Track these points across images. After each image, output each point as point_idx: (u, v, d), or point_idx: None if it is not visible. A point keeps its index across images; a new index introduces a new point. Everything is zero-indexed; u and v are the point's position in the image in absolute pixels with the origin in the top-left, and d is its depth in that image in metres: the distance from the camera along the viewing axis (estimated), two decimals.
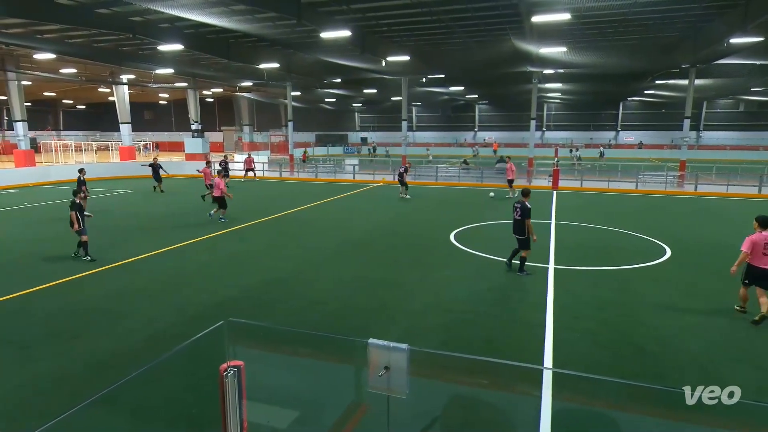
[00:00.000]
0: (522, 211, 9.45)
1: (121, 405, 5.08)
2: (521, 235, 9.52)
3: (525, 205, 9.51)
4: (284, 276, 9.59)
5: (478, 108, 63.37)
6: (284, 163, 34.00)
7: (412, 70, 28.45)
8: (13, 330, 7.06)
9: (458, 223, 14.64)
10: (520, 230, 9.54)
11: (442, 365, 3.59)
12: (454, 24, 20.31)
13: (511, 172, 20.61)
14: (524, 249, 9.60)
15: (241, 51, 24.75)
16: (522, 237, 9.52)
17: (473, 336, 6.88)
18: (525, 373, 2.93)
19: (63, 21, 18.09)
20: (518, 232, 9.58)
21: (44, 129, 59.17)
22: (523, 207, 9.48)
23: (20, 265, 10.36)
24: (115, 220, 15.40)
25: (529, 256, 9.73)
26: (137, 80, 36.64)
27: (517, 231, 9.61)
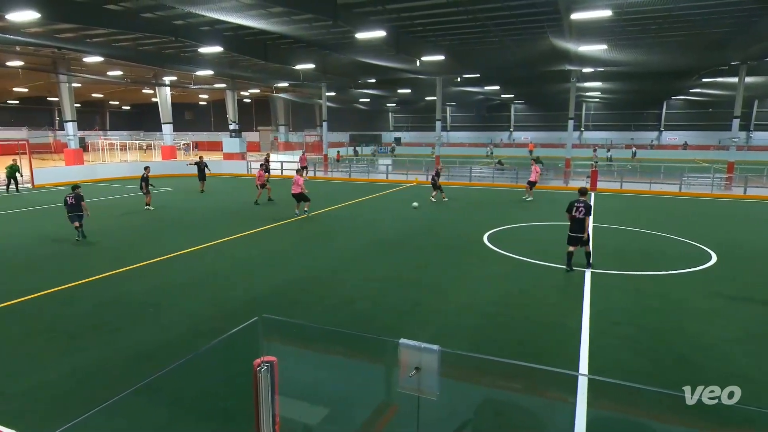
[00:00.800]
0: (586, 209, 9.53)
1: (160, 395, 5.27)
2: (582, 233, 9.57)
3: (588, 203, 9.65)
4: (317, 274, 9.71)
5: (514, 108, 62.36)
6: (318, 163, 34.39)
7: (446, 69, 28.25)
8: (62, 320, 7.42)
9: (492, 224, 14.45)
10: (581, 228, 9.58)
11: (474, 367, 3.55)
12: (490, 23, 20.05)
13: (534, 174, 20.15)
14: (586, 245, 9.73)
15: (278, 52, 25.19)
16: (581, 235, 9.58)
17: (506, 339, 6.78)
18: (559, 379, 2.87)
19: (111, 25, 18.90)
20: (579, 230, 9.61)
21: (92, 129, 61.88)
22: (587, 205, 9.62)
23: (69, 259, 10.88)
24: (157, 217, 15.94)
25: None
26: (179, 82, 37.85)
27: (578, 229, 9.62)
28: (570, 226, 9.69)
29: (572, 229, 9.66)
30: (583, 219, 9.49)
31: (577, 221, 9.56)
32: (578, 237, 9.61)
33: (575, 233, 9.63)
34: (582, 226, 9.52)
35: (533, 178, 20.11)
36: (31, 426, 4.56)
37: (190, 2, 15.27)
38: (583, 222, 9.49)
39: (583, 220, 9.49)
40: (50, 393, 5.37)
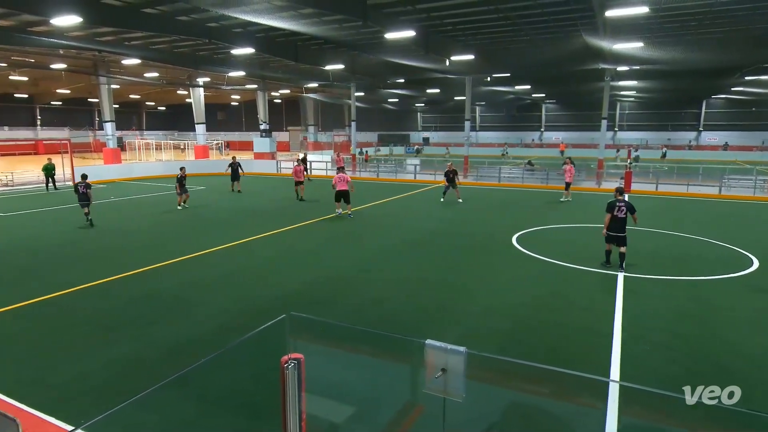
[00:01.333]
0: (628, 208, 9.61)
1: (190, 389, 5.39)
2: (622, 232, 9.62)
3: (629, 202, 9.75)
4: (344, 273, 9.76)
5: (545, 107, 61.27)
6: (346, 163, 34.58)
7: (476, 69, 27.99)
8: (99, 313, 7.70)
9: (521, 225, 14.23)
10: (622, 228, 9.61)
11: (501, 371, 3.50)
12: (521, 21, 19.76)
13: (569, 174, 19.63)
14: (625, 245, 9.69)
15: (308, 53, 25.46)
16: (623, 234, 9.61)
17: (535, 342, 6.66)
18: (590, 385, 2.80)
19: (148, 28, 19.50)
20: (620, 229, 9.62)
21: (129, 129, 63.97)
22: (628, 204, 9.67)
23: (105, 254, 11.27)
24: (190, 215, 16.34)
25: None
26: (212, 83, 38.72)
27: (619, 229, 9.63)
28: (610, 225, 9.67)
29: (612, 228, 9.67)
30: (624, 218, 9.58)
31: (618, 221, 9.57)
32: (618, 236, 9.62)
33: (616, 233, 9.63)
34: (623, 226, 9.60)
35: (568, 178, 19.64)
36: (71, 415, 4.73)
37: (224, 5, 15.60)
38: (625, 221, 9.59)
39: (625, 220, 9.58)
40: (88, 384, 5.57)
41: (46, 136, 52.48)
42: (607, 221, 9.67)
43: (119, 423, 4.22)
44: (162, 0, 16.67)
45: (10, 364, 5.97)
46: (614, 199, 9.77)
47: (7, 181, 24.14)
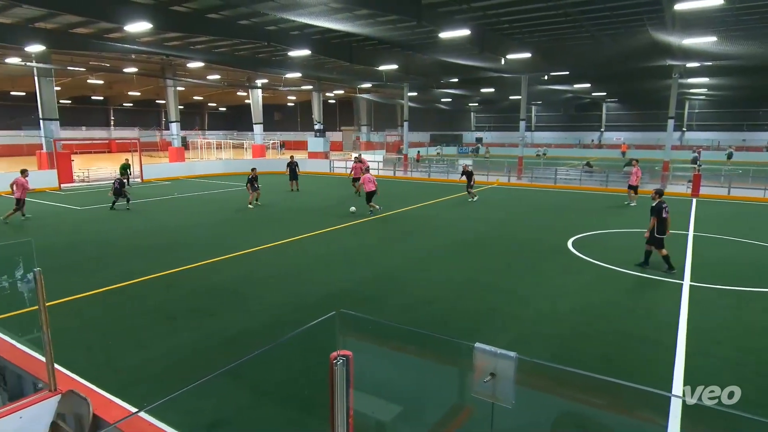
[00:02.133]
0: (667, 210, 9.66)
1: (245, 379, 5.60)
2: (664, 234, 9.62)
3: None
4: (394, 272, 9.80)
5: (606, 106, 58.64)
6: (398, 163, 34.68)
7: (533, 67, 27.24)
8: (163, 302, 8.15)
9: (578, 229, 13.72)
10: (665, 230, 9.66)
11: (553, 378, 3.40)
12: (582, 17, 19.03)
13: (635, 177, 18.56)
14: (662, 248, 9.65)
15: (363, 54, 25.74)
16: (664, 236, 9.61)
17: (590, 351, 6.41)
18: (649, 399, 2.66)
19: (212, 33, 20.43)
20: (664, 231, 9.64)
21: (193, 129, 67.19)
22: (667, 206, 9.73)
23: (170, 247, 11.91)
24: (248, 213, 16.96)
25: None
26: (269, 84, 39.98)
27: (663, 231, 9.64)
28: (658, 228, 9.53)
29: (660, 231, 9.59)
30: (666, 219, 9.61)
31: (664, 223, 9.58)
32: (662, 239, 9.58)
33: (662, 235, 9.59)
34: (666, 228, 9.62)
35: (634, 181, 18.55)
36: (135, 398, 5.04)
37: (283, 8, 16.08)
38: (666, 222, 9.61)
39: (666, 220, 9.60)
40: (151, 369, 5.91)
41: (118, 136, 56.14)
42: (654, 224, 9.58)
43: (179, 408, 4.45)
44: (225, 5, 17.39)
45: (84, 348, 6.44)
46: (659, 201, 9.70)
47: (83, 177, 26.03)
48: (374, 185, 16.34)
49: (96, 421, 2.98)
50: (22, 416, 3.05)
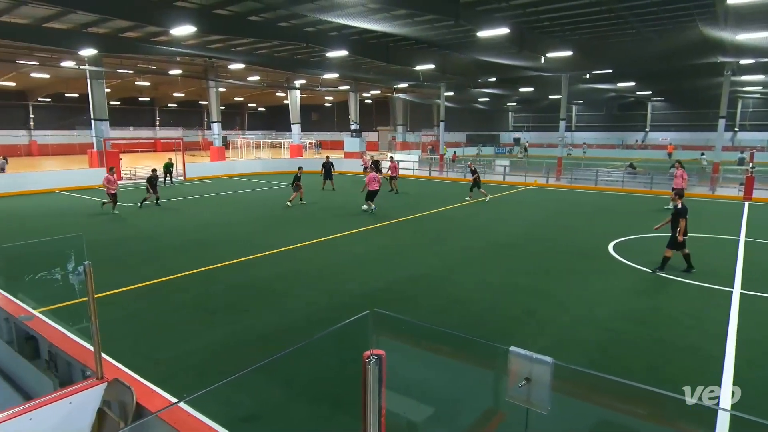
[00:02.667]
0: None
1: (279, 374, 5.70)
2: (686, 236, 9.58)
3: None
4: (429, 273, 9.76)
5: (651, 105, 56.45)
6: (434, 163, 34.51)
7: (574, 66, 26.54)
8: (203, 297, 8.40)
9: (620, 232, 13.28)
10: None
11: (591, 386, 3.30)
12: (627, 13, 18.40)
13: (680, 180, 17.18)
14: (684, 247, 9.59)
15: (399, 54, 25.75)
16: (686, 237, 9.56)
17: (631, 359, 6.19)
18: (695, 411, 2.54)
19: (253, 35, 20.92)
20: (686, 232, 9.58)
21: (233, 129, 68.93)
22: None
23: (210, 244, 12.26)
24: (284, 211, 17.26)
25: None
26: (307, 85, 40.57)
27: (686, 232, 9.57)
28: (685, 230, 9.45)
29: (685, 233, 9.50)
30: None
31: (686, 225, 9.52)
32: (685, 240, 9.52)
33: (685, 236, 9.50)
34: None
35: (679, 184, 16.91)
36: (175, 389, 5.22)
37: (321, 10, 16.28)
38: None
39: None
40: (191, 361, 6.10)
41: (162, 135, 58.28)
42: (685, 226, 9.40)
43: (216, 400, 4.57)
44: (265, 8, 17.76)
45: (129, 339, 6.71)
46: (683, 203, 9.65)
47: (130, 175, 27.15)
48: (378, 185, 16.67)
49: (139, 409, 3.10)
50: (71, 402, 3.20)
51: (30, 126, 49.43)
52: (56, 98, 48.78)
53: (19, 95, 47.59)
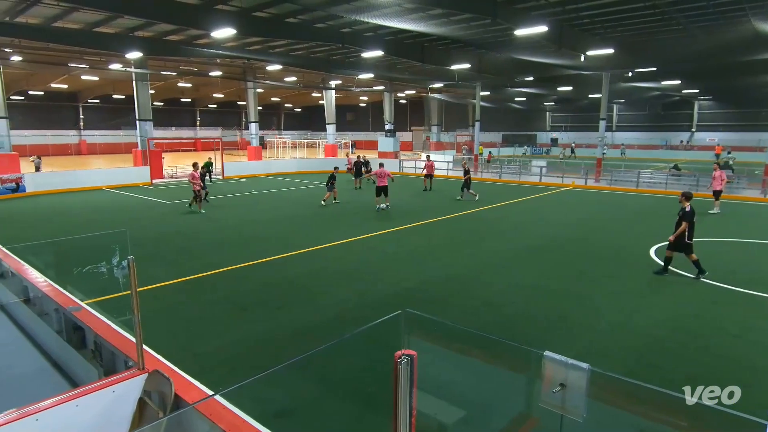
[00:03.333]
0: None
1: (311, 371, 5.78)
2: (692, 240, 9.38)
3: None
4: (461, 274, 9.67)
5: (698, 104, 54.05)
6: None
7: (616, 64, 25.71)
8: (237, 293, 8.61)
9: (662, 236, 12.76)
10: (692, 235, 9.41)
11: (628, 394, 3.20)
12: (672, 9, 17.70)
13: (718, 182, 16.70)
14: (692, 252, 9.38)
15: (435, 54, 25.62)
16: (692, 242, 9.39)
17: (671, 368, 5.95)
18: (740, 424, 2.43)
19: (290, 36, 21.30)
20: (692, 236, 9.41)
21: (270, 129, 70.26)
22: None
23: (245, 242, 12.54)
24: (318, 210, 17.48)
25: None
26: (342, 85, 40.92)
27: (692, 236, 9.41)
28: (689, 233, 9.26)
29: (690, 236, 9.31)
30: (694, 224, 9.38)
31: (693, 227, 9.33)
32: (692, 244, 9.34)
33: (691, 240, 9.32)
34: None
35: (718, 186, 16.81)
36: (212, 381, 5.37)
37: (357, 10, 16.38)
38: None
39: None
40: (226, 355, 6.27)
41: (202, 135, 60.02)
42: (685, 229, 9.22)
43: (249, 394, 4.68)
44: (302, 10, 18.01)
45: (168, 332, 6.95)
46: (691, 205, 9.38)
47: (172, 173, 28.08)
48: (386, 180, 16.71)
49: (177, 400, 3.20)
50: (114, 391, 3.34)
51: (80, 126, 51.90)
52: (104, 99, 51.02)
53: (70, 97, 50.06)
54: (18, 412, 2.96)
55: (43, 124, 47.86)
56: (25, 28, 19.22)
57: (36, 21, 19.22)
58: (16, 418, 2.92)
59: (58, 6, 16.93)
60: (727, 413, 3.48)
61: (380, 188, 16.64)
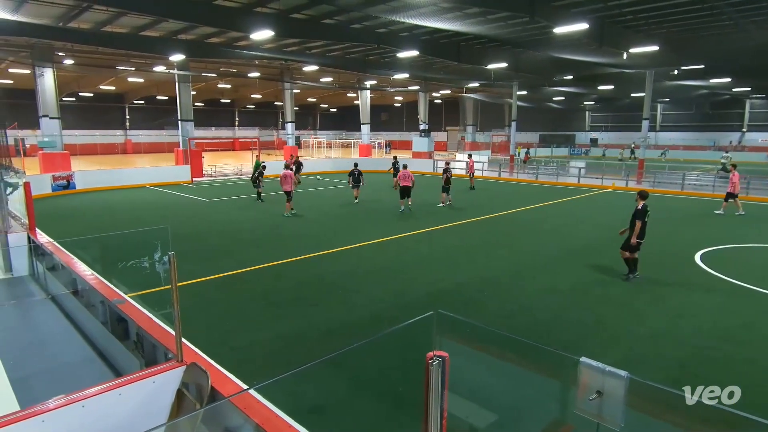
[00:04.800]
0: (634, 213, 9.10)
1: (343, 369, 5.83)
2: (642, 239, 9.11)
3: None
4: (497, 276, 9.54)
5: (750, 103, 51.38)
6: (504, 164, 33.68)
7: (660, 61, 24.77)
8: (272, 291, 8.77)
9: (708, 241, 12.24)
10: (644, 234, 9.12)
11: (668, 404, 3.08)
12: (722, 3, 16.90)
13: (732, 185, 16.64)
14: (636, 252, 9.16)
15: (471, 53, 25.36)
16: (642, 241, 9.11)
17: (715, 378, 5.69)
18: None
19: (326, 37, 21.53)
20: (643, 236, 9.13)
21: (306, 129, 71.25)
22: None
23: (281, 240, 12.76)
24: (352, 210, 17.60)
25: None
26: (377, 85, 41.06)
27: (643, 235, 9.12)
28: (640, 233, 9.03)
29: (642, 236, 9.06)
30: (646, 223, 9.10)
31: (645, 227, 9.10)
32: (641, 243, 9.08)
33: (641, 239, 9.08)
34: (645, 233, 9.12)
35: (732, 188, 16.81)
36: (246, 375, 5.49)
37: (393, 11, 16.40)
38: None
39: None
40: (261, 351, 6.40)
41: (241, 135, 61.44)
42: (639, 229, 8.97)
43: (283, 389, 4.76)
44: (338, 11, 18.18)
45: (206, 327, 7.15)
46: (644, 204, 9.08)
47: (211, 172, 28.88)
48: (410, 182, 16.61)
49: (213, 392, 3.30)
50: (154, 381, 3.47)
51: (126, 126, 54.08)
52: (148, 101, 52.99)
53: (117, 98, 52.23)
54: (66, 398, 3.12)
55: (92, 125, 50.10)
56: (76, 33, 20.18)
57: (87, 26, 20.14)
58: (65, 404, 3.08)
59: (107, 11, 17.70)
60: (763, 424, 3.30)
61: (404, 189, 16.69)
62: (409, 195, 16.83)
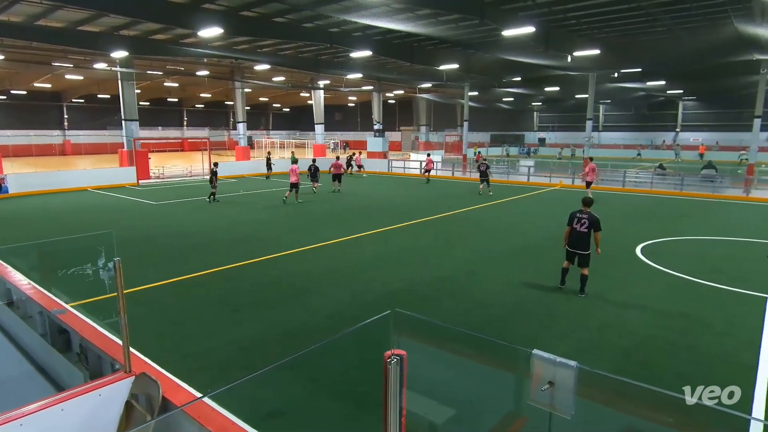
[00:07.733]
0: (591, 223, 8.32)
1: (302, 371, 5.76)
2: (582, 249, 8.42)
3: (593, 216, 8.36)
4: (451, 274, 9.70)
5: (682, 105, 54.85)
6: (457, 163, 34.32)
7: (602, 65, 26.02)
8: (228, 294, 8.54)
9: (647, 235, 12.95)
10: (581, 243, 8.41)
11: (616, 391, 3.23)
12: (657, 10, 17.93)
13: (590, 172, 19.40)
14: (586, 266, 8.44)
15: (423, 54, 25.68)
16: (586, 252, 8.41)
17: (660, 366, 6.03)
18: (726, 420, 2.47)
19: (278, 36, 21.19)
20: (578, 245, 8.43)
21: (258, 129, 69.84)
22: (592, 218, 8.33)
23: (235, 242, 12.45)
24: (306, 210, 17.41)
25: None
26: (331, 85, 40.82)
27: (576, 245, 8.45)
28: (568, 240, 8.55)
29: (570, 244, 8.52)
30: (584, 234, 8.35)
31: (577, 235, 8.39)
32: (577, 253, 8.43)
33: (575, 249, 8.46)
34: (582, 242, 8.38)
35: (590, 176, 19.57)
36: (201, 383, 5.32)
37: (345, 10, 16.35)
38: (584, 237, 8.36)
39: (587, 236, 8.35)
40: (216, 357, 6.21)
41: (190, 135, 59.44)
42: (567, 235, 8.56)
43: (239, 395, 4.64)
44: (290, 9, 17.94)
45: (156, 334, 6.87)
46: (578, 209, 8.52)
47: (158, 174, 27.78)
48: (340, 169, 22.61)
49: (165, 403, 3.17)
50: (101, 394, 3.30)
51: (64, 126, 51.08)
52: (89, 99, 50.29)
53: (54, 96, 49.25)
54: (1, 417, 2.91)
55: (26, 124, 47.04)
56: (6, 27, 18.89)
57: (18, 19, 18.89)
58: (0, 423, 2.87)
59: (41, 4, 16.64)
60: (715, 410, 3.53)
61: (336, 175, 22.35)
62: (340, 181, 22.34)
